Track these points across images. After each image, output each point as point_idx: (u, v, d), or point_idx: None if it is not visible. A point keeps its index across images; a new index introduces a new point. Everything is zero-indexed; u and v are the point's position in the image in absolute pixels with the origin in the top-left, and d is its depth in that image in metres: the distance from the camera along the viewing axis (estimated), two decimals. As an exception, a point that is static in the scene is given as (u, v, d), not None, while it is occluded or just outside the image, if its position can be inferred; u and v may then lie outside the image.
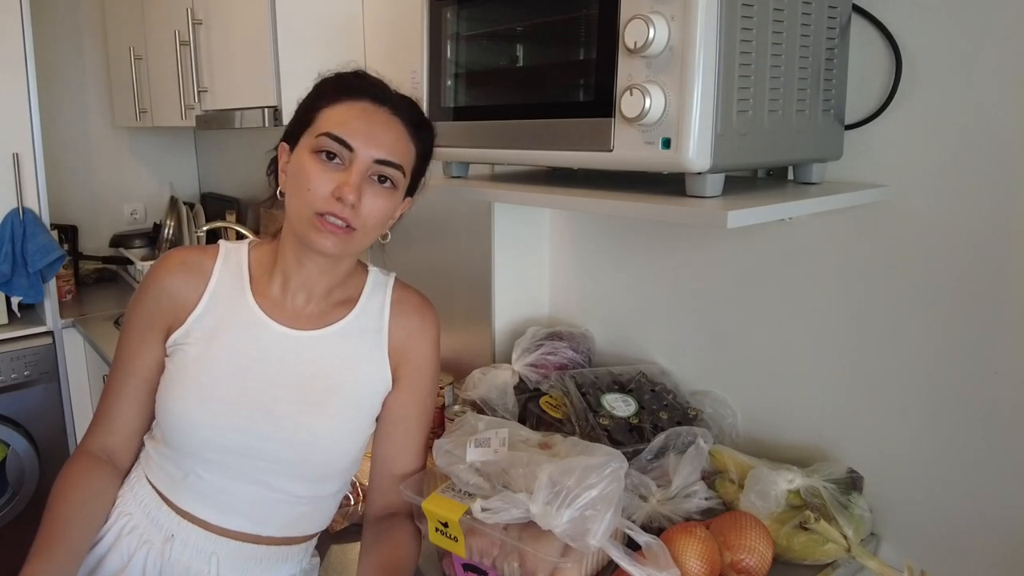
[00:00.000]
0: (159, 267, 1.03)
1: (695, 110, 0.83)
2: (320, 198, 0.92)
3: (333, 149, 0.92)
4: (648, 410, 1.26)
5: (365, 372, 1.02)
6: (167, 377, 1.00)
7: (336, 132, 0.92)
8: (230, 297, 1.01)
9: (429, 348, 1.07)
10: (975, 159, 0.99)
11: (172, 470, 1.00)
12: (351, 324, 1.03)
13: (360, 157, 0.92)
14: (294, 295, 1.02)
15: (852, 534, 1.03)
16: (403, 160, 0.96)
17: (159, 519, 1.00)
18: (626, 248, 1.46)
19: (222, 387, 0.97)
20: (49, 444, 2.33)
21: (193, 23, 2.15)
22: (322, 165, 0.93)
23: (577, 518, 0.87)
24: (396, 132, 0.95)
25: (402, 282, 1.10)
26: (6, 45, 2.19)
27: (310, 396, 0.99)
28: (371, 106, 0.95)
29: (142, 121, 2.71)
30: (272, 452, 0.97)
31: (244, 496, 0.98)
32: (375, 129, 0.94)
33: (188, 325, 1.00)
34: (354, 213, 0.92)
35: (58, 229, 2.57)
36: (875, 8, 1.05)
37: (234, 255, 1.05)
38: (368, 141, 0.93)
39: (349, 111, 0.94)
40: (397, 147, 0.95)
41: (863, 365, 1.14)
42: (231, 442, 0.96)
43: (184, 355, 0.99)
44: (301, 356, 1.00)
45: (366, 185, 0.93)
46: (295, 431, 0.97)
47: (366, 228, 0.95)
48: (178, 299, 1.01)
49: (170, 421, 0.98)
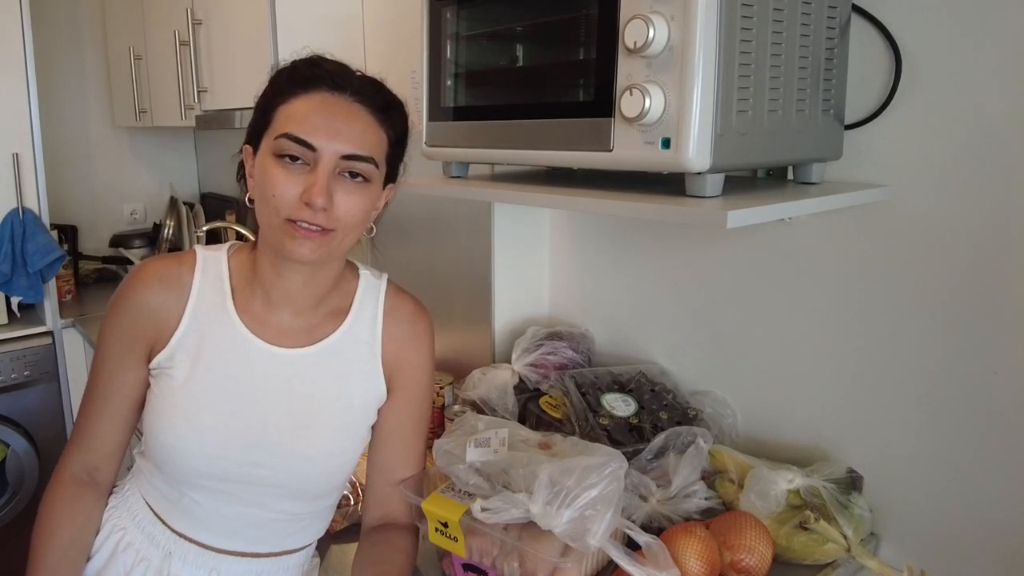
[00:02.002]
0: (134, 281, 0.96)
1: (695, 110, 0.83)
2: (287, 205, 0.85)
3: (294, 151, 0.85)
4: (648, 410, 1.26)
5: (358, 385, 0.99)
6: (153, 402, 0.95)
7: (295, 132, 0.85)
8: (212, 314, 0.95)
9: (423, 357, 1.04)
10: (975, 159, 0.99)
11: (166, 491, 0.97)
12: (342, 337, 0.98)
13: (325, 155, 0.85)
14: (278, 311, 0.96)
15: (852, 534, 1.03)
16: (372, 151, 0.89)
17: (155, 536, 0.97)
18: (626, 248, 1.46)
19: (210, 414, 0.93)
20: (49, 444, 2.32)
21: (193, 23, 2.15)
22: (285, 169, 0.86)
23: (577, 518, 0.87)
24: (361, 121, 0.88)
25: (395, 286, 1.05)
26: (6, 45, 2.18)
27: (302, 418, 0.95)
28: (329, 96, 0.87)
29: (142, 121, 2.71)
30: (266, 477, 0.94)
31: (240, 518, 0.96)
32: (336, 122, 0.86)
33: (171, 347, 0.94)
34: (328, 216, 0.86)
35: (58, 229, 2.57)
36: (875, 8, 1.05)
37: (213, 266, 0.98)
38: (331, 136, 0.85)
39: (307, 105, 0.87)
40: (364, 138, 0.88)
41: (863, 365, 1.14)
42: (224, 471, 0.93)
43: (170, 381, 0.94)
44: (291, 376, 0.95)
45: (336, 183, 0.86)
46: (288, 456, 0.94)
47: (346, 228, 0.89)
48: (158, 316, 0.94)
49: (160, 451, 0.94)
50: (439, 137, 1.17)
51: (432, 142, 1.18)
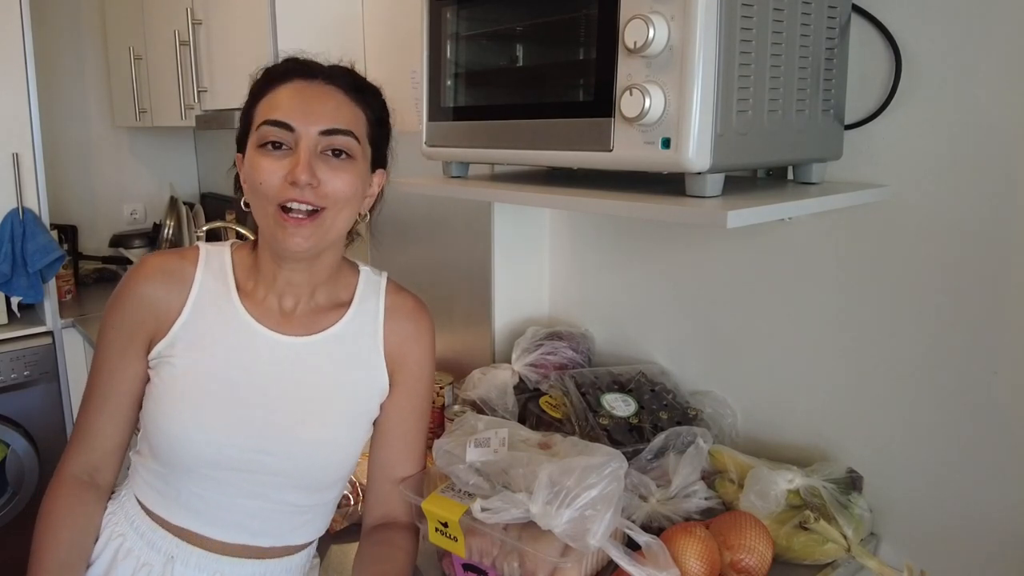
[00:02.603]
0: (136, 274, 0.97)
1: (695, 110, 0.83)
2: (274, 188, 0.89)
3: (275, 136, 0.89)
4: (648, 410, 1.26)
5: (361, 376, 1.00)
6: (154, 392, 0.95)
7: (272, 116, 0.89)
8: (216, 303, 0.97)
9: (424, 353, 1.05)
10: (975, 158, 0.99)
11: (163, 487, 0.96)
12: (345, 328, 1.00)
13: (304, 134, 0.89)
14: (281, 297, 0.98)
15: (852, 534, 1.03)
16: (351, 124, 0.92)
17: (155, 541, 0.96)
18: (626, 248, 1.46)
19: (215, 401, 0.93)
20: (49, 444, 2.32)
21: (193, 23, 2.15)
22: (269, 156, 0.89)
23: (577, 518, 0.87)
24: (335, 99, 0.92)
25: (395, 283, 1.07)
26: (6, 45, 2.18)
27: (307, 405, 0.96)
28: (302, 83, 0.92)
29: (142, 121, 2.71)
30: (271, 465, 0.94)
31: (242, 510, 0.96)
32: (311, 103, 0.90)
33: (172, 336, 0.95)
34: (316, 194, 0.89)
35: (58, 229, 2.57)
36: (875, 8, 1.05)
37: (216, 259, 1.00)
38: (307, 116, 0.89)
39: (281, 94, 0.91)
40: (340, 113, 0.92)
41: (863, 365, 1.14)
42: (228, 458, 0.93)
43: (171, 369, 0.94)
44: (295, 363, 0.97)
45: (320, 162, 0.90)
46: (293, 443, 0.95)
47: (336, 206, 0.91)
48: (159, 308, 0.96)
49: (163, 441, 0.93)
50: (439, 137, 1.17)
51: (432, 142, 1.18)
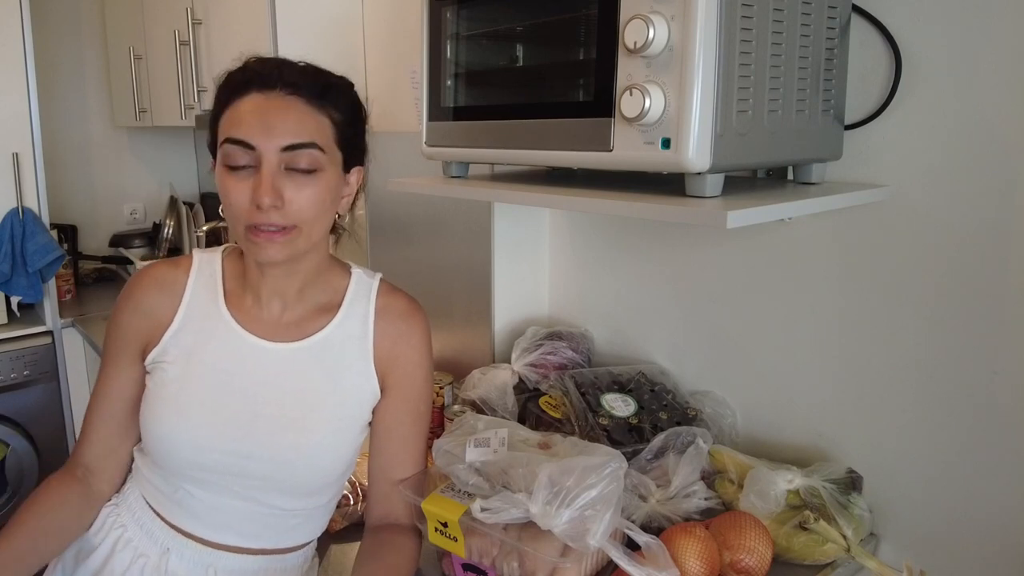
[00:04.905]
0: (133, 285, 1.01)
1: (695, 110, 0.83)
2: (242, 212, 0.89)
3: (238, 156, 0.88)
4: (648, 410, 1.26)
5: (350, 383, 1.00)
6: (147, 396, 0.98)
7: (233, 135, 0.88)
8: (205, 312, 0.99)
9: (417, 353, 1.03)
10: (975, 159, 0.99)
11: (162, 485, 0.99)
12: (333, 333, 1.00)
13: (265, 153, 0.88)
14: (268, 303, 0.99)
15: (851, 534, 1.03)
16: (314, 136, 0.90)
17: (154, 532, 0.99)
18: (626, 248, 1.46)
19: (200, 406, 0.95)
20: (49, 444, 2.33)
21: (193, 23, 2.15)
22: (234, 177, 0.89)
23: (576, 518, 0.87)
24: (295, 112, 0.90)
25: (389, 284, 1.06)
26: (6, 45, 2.19)
27: (292, 412, 0.96)
28: (259, 96, 0.90)
29: (142, 121, 2.71)
30: (256, 470, 0.95)
31: (234, 512, 0.97)
32: (269, 119, 0.88)
33: (164, 343, 0.98)
34: (282, 214, 0.88)
35: (58, 229, 2.57)
36: (875, 8, 1.05)
37: (207, 267, 1.02)
38: (266, 133, 0.88)
39: (241, 109, 0.90)
40: (301, 127, 0.89)
41: (863, 365, 1.14)
42: (213, 462, 0.94)
43: (163, 374, 0.97)
44: (281, 370, 0.97)
45: (284, 179, 0.89)
46: (277, 449, 0.95)
47: (307, 223, 0.91)
48: (153, 317, 0.99)
49: (153, 443, 0.96)
50: (439, 137, 1.17)
51: (432, 142, 1.18)
